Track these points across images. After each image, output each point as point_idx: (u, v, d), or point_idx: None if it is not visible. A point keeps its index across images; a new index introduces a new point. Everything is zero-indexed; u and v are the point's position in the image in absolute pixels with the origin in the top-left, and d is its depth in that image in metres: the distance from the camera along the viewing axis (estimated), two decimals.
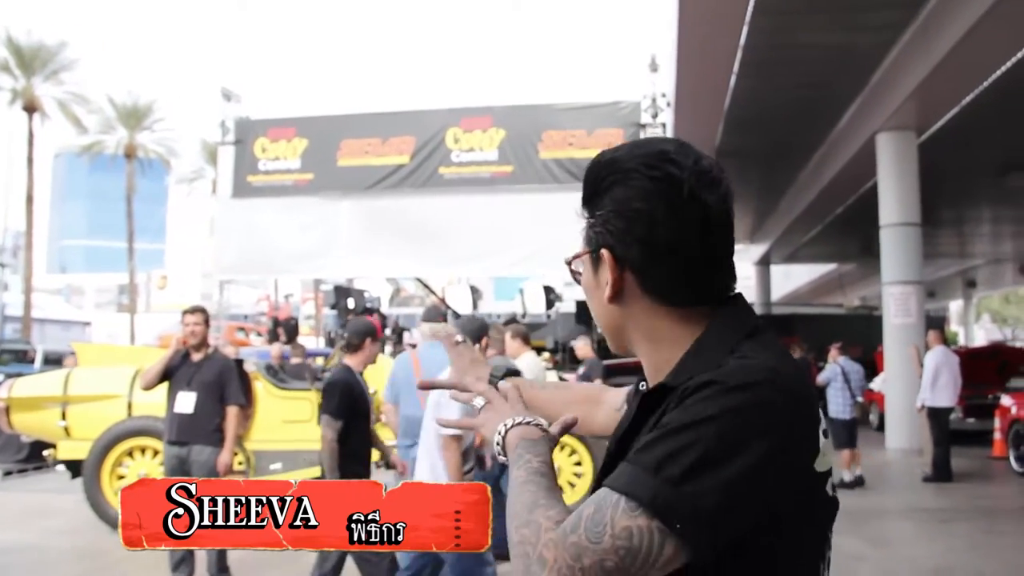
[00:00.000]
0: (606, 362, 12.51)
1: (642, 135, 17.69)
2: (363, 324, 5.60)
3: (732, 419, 1.07)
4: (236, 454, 8.25)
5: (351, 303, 21.67)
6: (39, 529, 8.29)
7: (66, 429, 8.37)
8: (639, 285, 1.27)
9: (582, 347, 11.93)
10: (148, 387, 5.98)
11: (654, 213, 1.23)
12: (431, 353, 5.69)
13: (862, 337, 26.25)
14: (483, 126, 18.29)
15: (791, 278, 42.03)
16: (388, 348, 22.11)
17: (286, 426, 8.38)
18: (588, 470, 8.29)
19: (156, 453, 8.02)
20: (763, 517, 1.09)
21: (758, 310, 33.20)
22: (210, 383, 5.86)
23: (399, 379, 5.96)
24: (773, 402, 1.10)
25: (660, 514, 1.04)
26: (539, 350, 22.45)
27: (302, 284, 59.38)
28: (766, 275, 34.54)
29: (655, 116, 17.73)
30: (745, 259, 47.97)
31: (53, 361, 22.88)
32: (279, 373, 9.41)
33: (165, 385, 5.94)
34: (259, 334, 41.02)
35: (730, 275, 1.32)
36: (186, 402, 5.82)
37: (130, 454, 8.10)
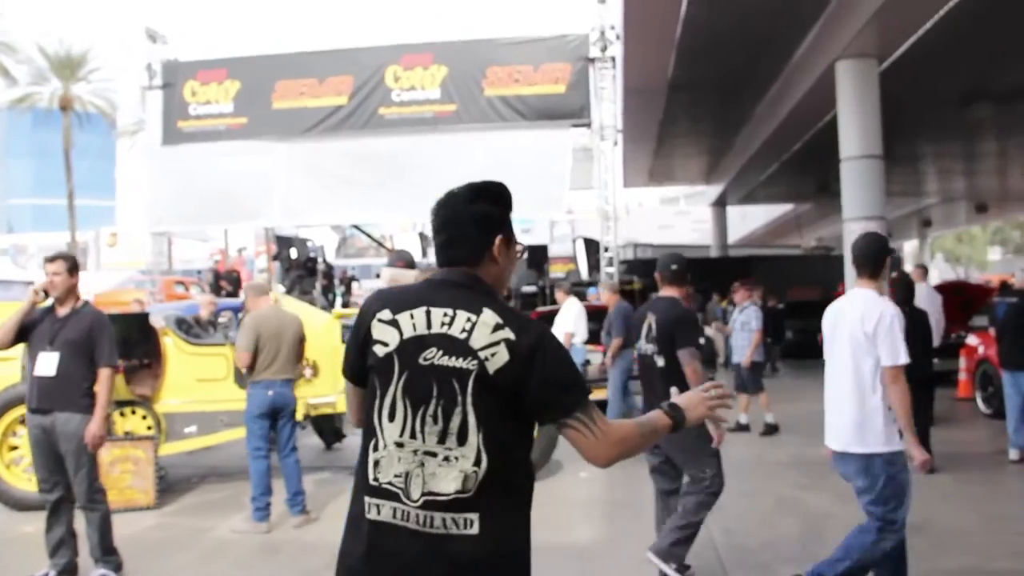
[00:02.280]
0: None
1: (590, 69, 16.91)
2: None
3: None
4: (144, 417, 7.50)
5: (293, 253, 20.86)
6: None
7: None
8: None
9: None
10: (1, 346, 5.14)
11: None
12: None
13: (820, 278, 25.90)
14: (424, 63, 17.43)
15: (747, 219, 41.66)
16: (338, 300, 21.42)
17: (200, 385, 7.60)
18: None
19: None
20: None
21: (715, 252, 33.03)
22: (77, 341, 5.04)
23: None
24: None
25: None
26: None
27: (255, 236, 58.10)
28: (722, 216, 34.04)
29: (604, 49, 16.92)
30: (700, 201, 47.60)
31: None
32: (193, 328, 8.59)
33: None
34: (201, 289, 39.91)
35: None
36: (48, 363, 5.01)
37: (22, 422, 7.27)
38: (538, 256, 22.29)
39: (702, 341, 11.60)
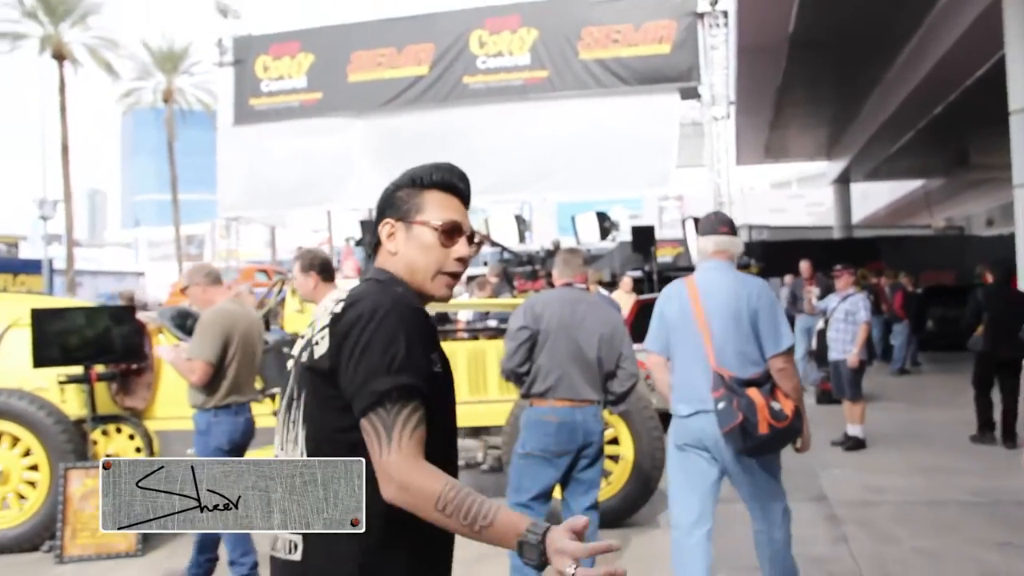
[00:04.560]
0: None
1: (699, 26, 14.90)
2: None
3: None
4: (132, 436, 5.98)
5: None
6: None
7: None
8: None
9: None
10: None
11: None
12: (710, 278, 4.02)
13: (955, 261, 23.43)
14: (512, 26, 15.76)
15: (869, 199, 38.66)
16: None
17: None
18: (627, 450, 5.82)
19: (16, 441, 5.75)
20: None
21: (837, 233, 30.52)
22: None
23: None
24: None
25: None
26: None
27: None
28: (845, 194, 31.40)
29: (714, 3, 14.87)
30: (814, 184, 44.69)
31: None
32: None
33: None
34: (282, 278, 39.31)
35: None
36: None
37: None
38: (644, 239, 20.43)
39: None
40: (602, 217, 22.38)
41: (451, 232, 1.89)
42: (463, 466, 6.63)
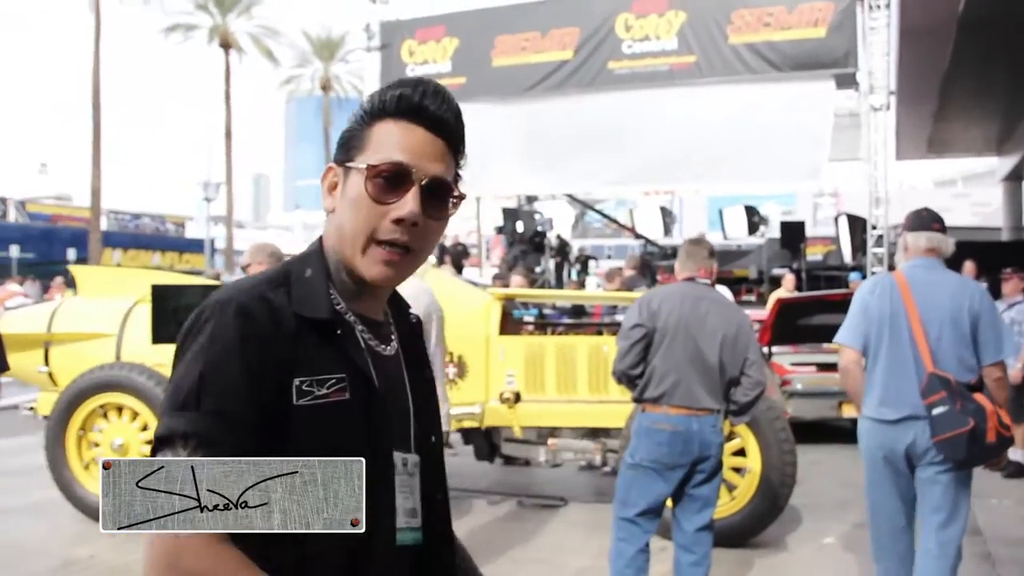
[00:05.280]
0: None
1: (858, 7, 14.06)
2: None
3: None
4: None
5: (519, 227, 19.36)
6: None
7: (50, 375, 6.30)
8: None
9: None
10: None
11: None
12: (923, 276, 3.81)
13: None
14: (659, 9, 15.27)
15: None
16: (575, 276, 19.77)
17: None
18: (755, 463, 5.36)
19: (136, 415, 5.80)
20: None
21: (1007, 235, 28.57)
22: None
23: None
24: None
25: None
26: (741, 281, 19.31)
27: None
28: (1017, 192, 29.28)
29: None
30: (980, 183, 42.04)
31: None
32: None
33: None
34: None
35: None
36: None
37: (105, 415, 5.90)
38: (793, 235, 19.60)
39: None
40: (751, 211, 21.70)
41: (390, 180, 1.30)
42: (584, 466, 6.31)
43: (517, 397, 5.71)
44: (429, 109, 1.32)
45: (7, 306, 12.70)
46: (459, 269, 17.50)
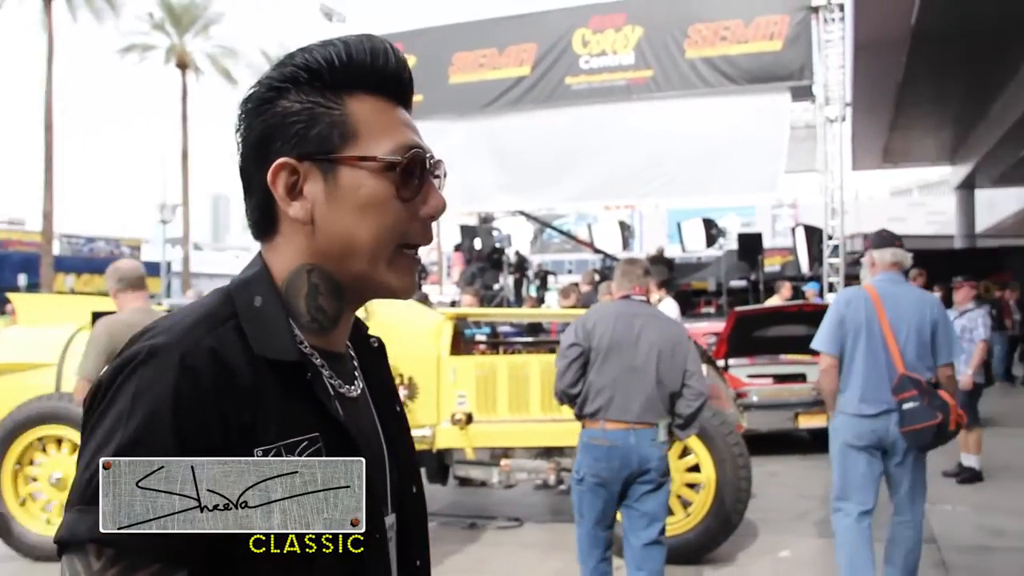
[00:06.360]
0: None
1: (813, 21, 14.18)
2: None
3: None
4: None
5: (477, 243, 19.30)
6: None
7: None
8: None
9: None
10: None
11: None
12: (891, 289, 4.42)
13: None
14: (616, 24, 15.32)
15: (996, 208, 36.46)
16: (533, 292, 19.70)
17: None
18: (709, 478, 5.30)
19: (76, 448, 5.64)
20: None
21: (960, 243, 28.91)
22: None
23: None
24: None
25: None
26: (699, 293, 19.36)
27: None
28: (969, 201, 29.74)
29: None
30: (936, 192, 42.57)
31: None
32: None
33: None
34: None
35: None
36: None
37: (43, 448, 5.74)
38: (751, 246, 19.71)
39: None
40: (708, 224, 21.78)
41: (414, 171, 1.03)
42: (540, 485, 6.24)
43: (469, 418, 5.64)
44: (404, 78, 1.06)
45: None
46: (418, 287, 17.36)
